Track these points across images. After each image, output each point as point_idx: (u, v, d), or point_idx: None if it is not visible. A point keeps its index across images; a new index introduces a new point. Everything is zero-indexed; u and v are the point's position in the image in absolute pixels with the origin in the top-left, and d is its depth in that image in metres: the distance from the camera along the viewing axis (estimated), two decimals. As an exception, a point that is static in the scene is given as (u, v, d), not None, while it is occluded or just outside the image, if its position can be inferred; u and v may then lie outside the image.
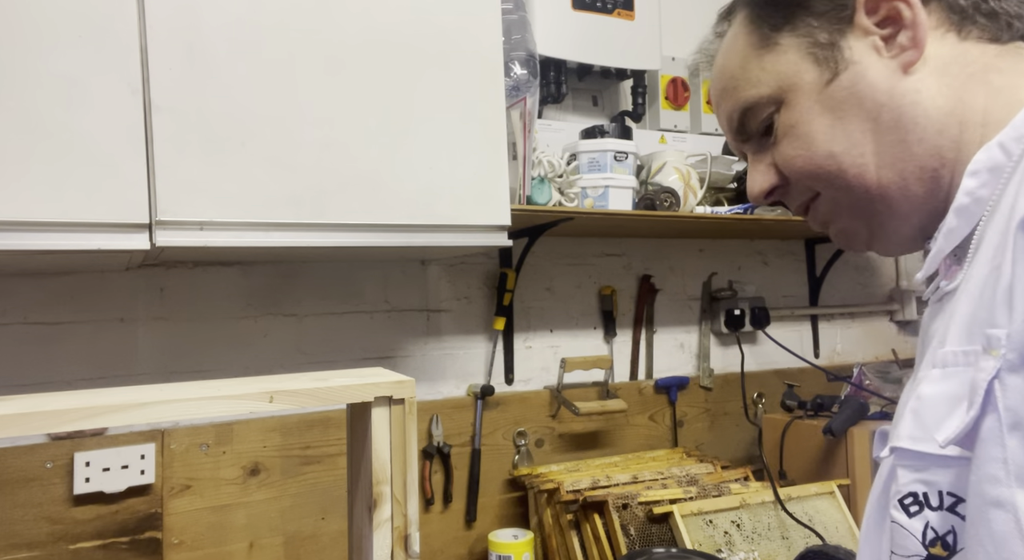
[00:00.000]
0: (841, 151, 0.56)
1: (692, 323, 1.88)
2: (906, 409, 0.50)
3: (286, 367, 1.42)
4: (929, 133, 0.54)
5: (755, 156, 0.64)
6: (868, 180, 0.56)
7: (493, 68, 1.20)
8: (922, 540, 0.46)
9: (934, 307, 0.57)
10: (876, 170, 0.56)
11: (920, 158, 0.55)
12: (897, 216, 0.57)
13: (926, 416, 0.47)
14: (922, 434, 0.47)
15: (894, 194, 0.56)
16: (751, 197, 0.64)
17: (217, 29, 1.01)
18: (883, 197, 0.56)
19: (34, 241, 0.91)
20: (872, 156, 0.56)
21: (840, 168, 0.57)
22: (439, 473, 1.53)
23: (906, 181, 0.55)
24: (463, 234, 1.18)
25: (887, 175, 0.55)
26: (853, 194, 0.57)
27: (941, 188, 0.55)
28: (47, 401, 0.70)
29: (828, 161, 0.57)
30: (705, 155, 1.66)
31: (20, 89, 0.90)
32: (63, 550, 1.23)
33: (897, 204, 0.56)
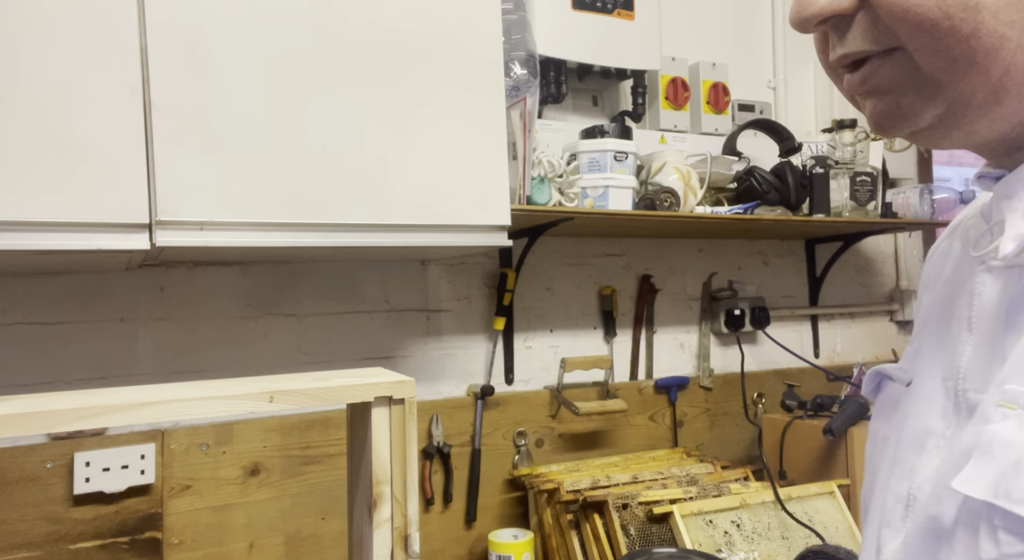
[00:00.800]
0: (990, 4, 0.38)
1: (692, 323, 1.88)
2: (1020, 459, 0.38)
3: (286, 367, 1.42)
4: None
5: None
6: (997, 60, 0.39)
7: (493, 68, 1.20)
8: None
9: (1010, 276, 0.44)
10: (1015, 50, 0.39)
11: None
12: (994, 115, 0.42)
13: None
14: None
15: (1013, 90, 0.40)
16: (800, 17, 0.43)
17: (217, 29, 1.01)
18: (999, 89, 0.40)
19: (34, 241, 0.91)
20: (1021, 31, 0.38)
21: (974, 30, 0.38)
22: (439, 473, 1.53)
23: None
24: (463, 234, 1.18)
25: (1022, 62, 0.39)
26: (962, 72, 0.40)
27: None
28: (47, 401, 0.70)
29: (965, 14, 0.38)
30: (705, 155, 1.66)
31: (20, 89, 0.90)
32: (63, 550, 1.23)
33: (1008, 103, 0.41)
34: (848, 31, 0.43)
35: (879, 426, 0.59)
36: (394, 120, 1.12)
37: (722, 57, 1.86)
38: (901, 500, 0.49)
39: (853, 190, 1.75)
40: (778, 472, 1.62)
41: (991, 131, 0.43)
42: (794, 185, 1.69)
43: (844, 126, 1.80)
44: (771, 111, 1.98)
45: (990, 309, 0.45)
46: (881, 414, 0.59)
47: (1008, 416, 0.39)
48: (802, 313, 2.04)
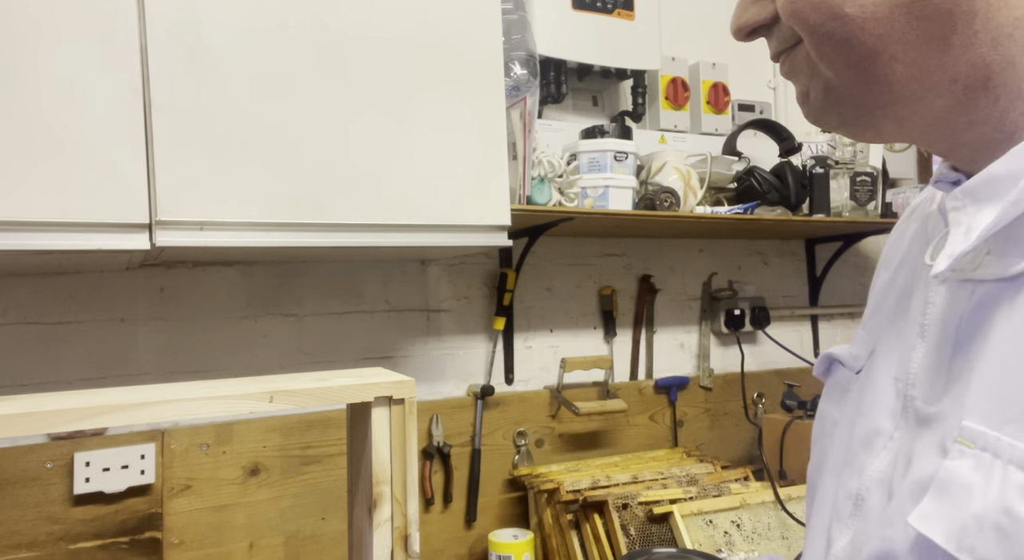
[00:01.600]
0: (857, 16, 0.41)
1: (692, 323, 1.88)
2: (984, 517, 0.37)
3: (286, 367, 1.42)
4: (981, 41, 0.39)
5: None
6: (874, 67, 0.42)
7: (493, 68, 1.20)
8: None
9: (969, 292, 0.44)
10: (889, 61, 0.41)
11: (955, 68, 0.40)
12: (895, 116, 0.44)
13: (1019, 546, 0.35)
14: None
15: (898, 95, 0.42)
16: (735, 26, 0.49)
17: (217, 29, 1.01)
18: (883, 92, 0.43)
19: (34, 241, 0.91)
20: (893, 42, 0.40)
21: (845, 38, 0.41)
22: (439, 473, 1.53)
23: (922, 88, 0.42)
24: (463, 234, 1.18)
25: (901, 72, 0.41)
26: (847, 71, 0.43)
27: (976, 111, 0.42)
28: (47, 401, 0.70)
29: (834, 22, 0.41)
30: (705, 155, 1.66)
31: (20, 89, 0.90)
32: (63, 550, 1.23)
33: (898, 107, 0.43)
34: (772, 36, 0.48)
35: (828, 408, 0.60)
36: (394, 120, 1.12)
37: (722, 57, 1.86)
38: (851, 497, 0.51)
39: (853, 190, 1.75)
40: (778, 472, 1.62)
41: (900, 131, 0.45)
42: (794, 185, 1.69)
43: (844, 126, 1.80)
44: (771, 111, 1.98)
45: (941, 321, 0.46)
46: (831, 397, 0.60)
47: (964, 454, 0.39)
48: (802, 313, 2.04)
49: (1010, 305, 0.40)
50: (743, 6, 0.48)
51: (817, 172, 1.72)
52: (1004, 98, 0.41)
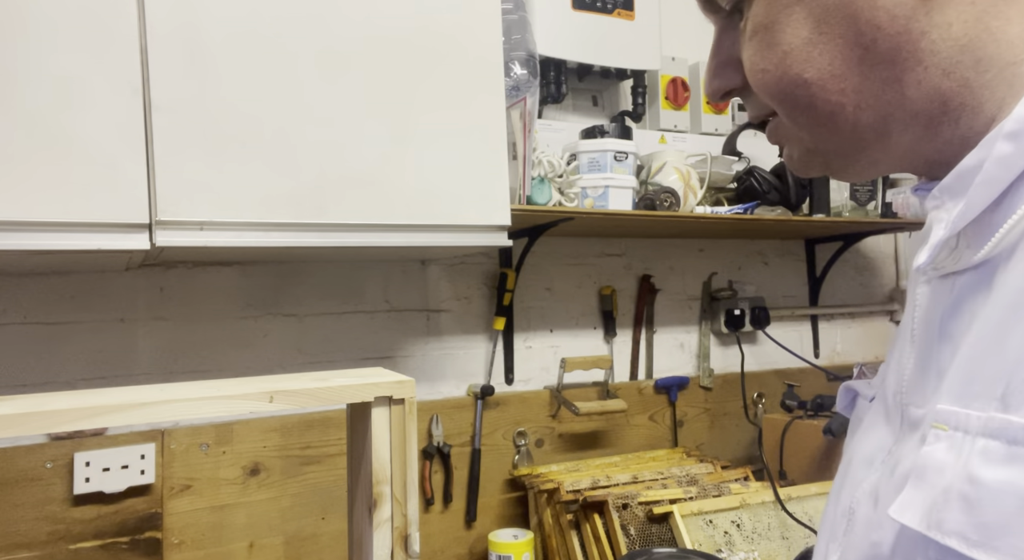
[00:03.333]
0: (816, 79, 0.44)
1: (692, 323, 1.88)
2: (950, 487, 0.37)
3: (286, 367, 1.42)
4: (932, 74, 0.42)
5: (720, 39, 0.53)
6: (842, 121, 0.45)
7: (493, 68, 1.20)
8: None
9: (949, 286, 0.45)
10: (854, 111, 0.44)
11: (915, 103, 0.43)
12: (868, 160, 0.47)
13: (988, 514, 0.35)
14: (981, 538, 0.35)
15: (870, 139, 0.46)
16: (708, 92, 0.53)
17: (217, 29, 1.01)
18: (856, 140, 0.46)
19: (34, 241, 0.91)
20: (853, 94, 0.44)
21: (810, 101, 0.45)
22: (439, 473, 1.53)
23: (888, 128, 0.45)
24: (463, 234, 1.18)
25: (867, 118, 0.45)
26: (818, 133, 0.47)
27: (940, 136, 0.44)
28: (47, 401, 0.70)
29: (798, 90, 0.45)
30: (705, 155, 1.66)
31: (20, 89, 0.90)
32: (63, 550, 1.23)
33: (871, 150, 0.46)
34: (748, 100, 0.52)
35: (848, 444, 0.59)
36: (394, 120, 1.12)
37: (722, 57, 1.85)
38: (845, 514, 0.50)
39: (853, 190, 1.75)
40: (778, 472, 1.62)
41: (876, 171, 0.49)
42: (794, 185, 1.69)
43: (844, 126, 1.80)
44: (771, 111, 1.98)
45: (926, 320, 0.47)
46: (851, 431, 0.60)
47: (940, 438, 0.39)
48: (802, 313, 2.04)
49: (986, 291, 0.41)
50: (710, 74, 0.52)
51: (817, 172, 1.71)
52: (964, 117, 0.43)
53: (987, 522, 0.35)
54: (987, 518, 0.35)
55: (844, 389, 0.62)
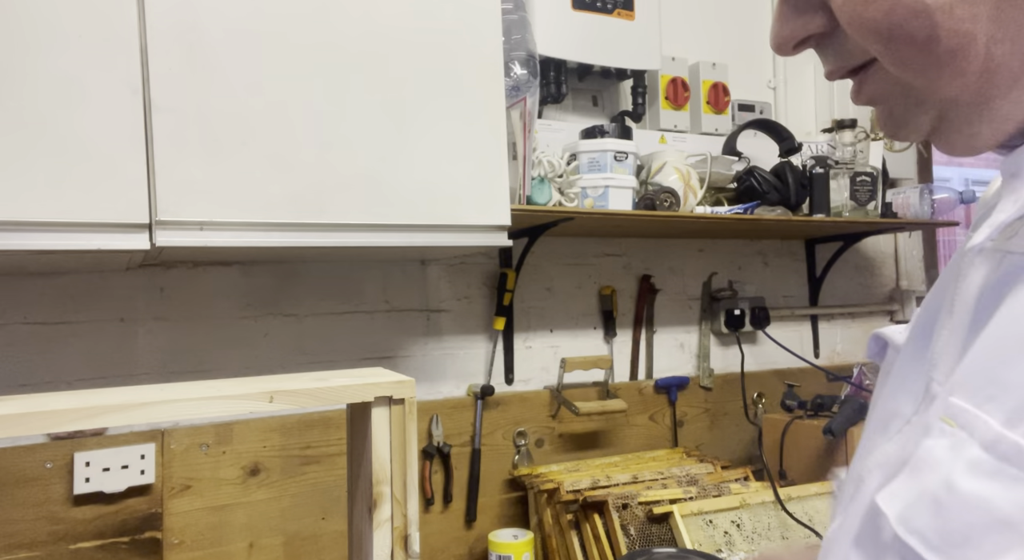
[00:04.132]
0: (939, 6, 0.36)
1: (692, 323, 1.88)
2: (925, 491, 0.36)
3: (286, 367, 1.42)
4: None
5: None
6: (971, 56, 0.37)
7: (493, 68, 1.20)
8: None
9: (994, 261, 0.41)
10: (987, 42, 0.37)
11: None
12: (991, 115, 0.39)
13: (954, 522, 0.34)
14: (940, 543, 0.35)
15: (1002, 86, 0.38)
16: (776, 42, 0.44)
17: (217, 29, 1.01)
18: (985, 87, 0.38)
19: (34, 241, 0.91)
20: (987, 22, 0.36)
21: (932, 32, 0.37)
22: (439, 473, 1.53)
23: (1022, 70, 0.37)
24: (463, 234, 1.18)
25: (1001, 53, 0.37)
26: (935, 76, 0.38)
27: None
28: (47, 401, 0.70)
29: (916, 20, 0.37)
30: (705, 155, 1.66)
31: (20, 89, 0.90)
32: (63, 550, 1.23)
33: (1004, 99, 0.38)
34: (828, 49, 0.43)
35: (875, 393, 0.56)
36: (394, 120, 1.12)
37: (722, 57, 1.86)
38: (853, 480, 0.48)
39: (853, 190, 1.75)
40: (778, 472, 1.62)
41: (998, 132, 0.40)
42: (794, 185, 1.69)
43: (844, 126, 1.80)
44: (771, 111, 1.98)
45: (969, 292, 0.43)
46: (878, 380, 0.57)
47: (944, 433, 0.37)
48: (802, 313, 2.04)
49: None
50: (783, 18, 0.43)
51: (817, 172, 1.72)
52: None
53: (951, 530, 0.34)
54: (952, 526, 0.34)
55: (875, 337, 0.58)
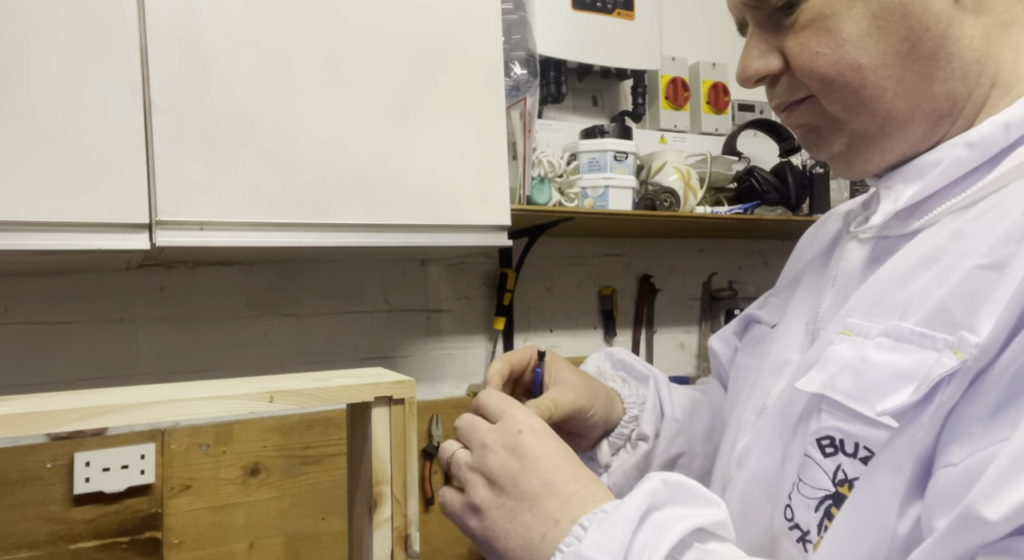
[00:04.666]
0: (869, 65, 0.52)
1: (692, 323, 1.88)
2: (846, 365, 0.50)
3: (286, 367, 1.42)
4: (955, 76, 0.51)
5: (759, 30, 0.58)
6: (880, 105, 0.53)
7: (493, 68, 1.20)
8: (832, 479, 0.50)
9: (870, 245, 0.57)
10: (892, 97, 0.52)
11: (936, 100, 0.52)
12: (883, 147, 0.55)
13: (868, 380, 0.48)
14: (859, 395, 0.49)
15: (896, 127, 0.53)
16: (741, 77, 0.59)
17: (217, 29, 1.01)
18: (884, 126, 0.54)
19: (34, 241, 0.91)
20: (895, 82, 0.52)
21: (861, 84, 0.52)
22: (439, 473, 1.53)
23: (913, 118, 0.53)
24: (463, 234, 1.18)
25: (900, 106, 0.52)
26: (855, 113, 0.54)
27: (935, 136, 0.54)
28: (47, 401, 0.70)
29: (852, 73, 0.52)
30: (705, 155, 1.66)
31: (20, 89, 0.90)
32: (63, 550, 1.23)
33: (893, 137, 0.54)
34: (777, 85, 0.58)
35: (743, 359, 0.72)
36: (394, 120, 1.12)
37: (722, 57, 1.86)
38: (756, 411, 0.61)
39: (853, 190, 1.75)
40: (778, 472, 1.62)
41: (883, 161, 0.56)
42: (794, 185, 1.69)
43: (844, 126, 1.80)
44: (771, 111, 1.98)
45: (852, 270, 0.59)
46: (746, 350, 0.73)
47: (844, 340, 0.52)
48: (802, 313, 2.03)
49: (899, 252, 0.53)
50: (749, 58, 0.58)
51: (817, 172, 1.72)
52: (959, 121, 0.53)
53: (865, 385, 0.49)
54: (865, 382, 0.49)
55: (742, 316, 0.76)
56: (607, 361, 0.82)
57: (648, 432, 0.74)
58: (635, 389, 0.78)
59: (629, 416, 0.75)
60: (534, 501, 0.51)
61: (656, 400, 0.77)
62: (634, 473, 0.74)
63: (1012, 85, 0.52)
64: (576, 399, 0.70)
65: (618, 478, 0.75)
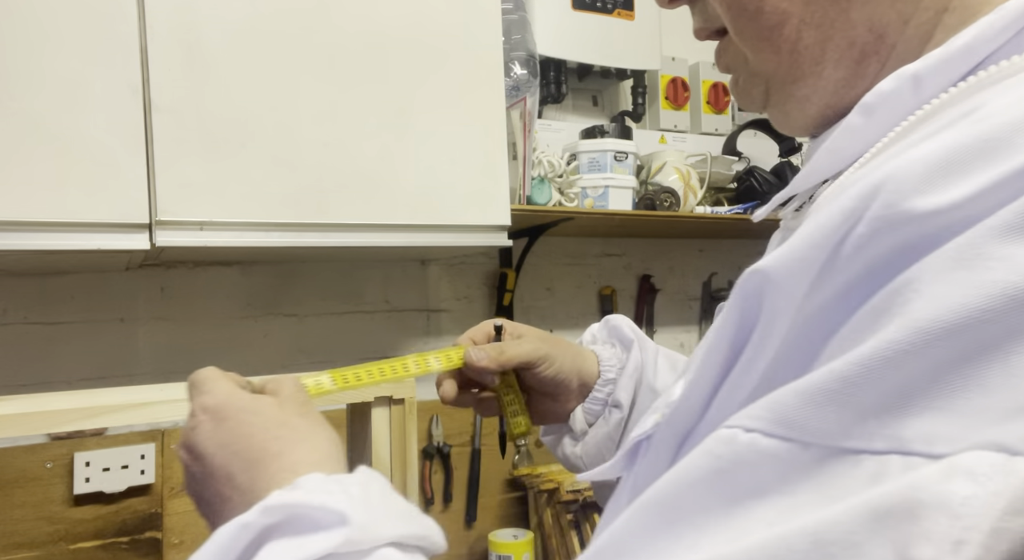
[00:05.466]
0: None
1: (692, 323, 1.88)
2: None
3: (286, 367, 1.42)
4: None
5: None
6: (784, 36, 0.41)
7: (493, 68, 1.20)
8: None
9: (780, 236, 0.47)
10: (798, 25, 0.41)
11: (855, 28, 0.40)
12: (798, 96, 0.43)
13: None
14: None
15: (806, 68, 0.42)
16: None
17: (217, 29, 1.01)
18: (793, 67, 0.42)
19: (34, 241, 0.91)
20: (801, 5, 0.40)
21: (759, 6, 0.41)
22: (439, 473, 1.53)
23: (825, 54, 0.41)
24: (463, 234, 1.18)
25: (808, 37, 0.41)
26: (759, 48, 0.43)
27: (862, 81, 0.41)
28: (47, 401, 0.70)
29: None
30: (705, 155, 1.66)
31: (20, 89, 0.90)
32: (63, 550, 1.23)
33: (805, 82, 0.43)
34: (698, 8, 0.48)
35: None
36: (394, 120, 1.12)
37: (722, 57, 1.85)
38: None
39: (853, 190, 1.75)
40: (778, 472, 1.62)
41: (803, 114, 0.44)
42: (794, 185, 1.69)
43: (844, 126, 1.80)
44: (771, 111, 1.98)
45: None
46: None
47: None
48: (802, 313, 2.03)
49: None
50: None
51: (817, 172, 1.71)
52: (890, 61, 0.40)
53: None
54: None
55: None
56: (603, 328, 0.76)
57: (623, 399, 0.69)
58: (617, 353, 0.72)
59: (604, 379, 0.70)
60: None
61: (637, 366, 0.70)
62: (607, 444, 0.70)
63: (975, 9, 0.37)
64: (535, 348, 0.66)
65: (590, 449, 0.71)
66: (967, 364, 0.23)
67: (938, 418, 0.23)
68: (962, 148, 0.27)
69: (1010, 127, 0.27)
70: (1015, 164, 0.25)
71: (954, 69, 0.34)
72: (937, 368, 0.24)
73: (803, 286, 0.30)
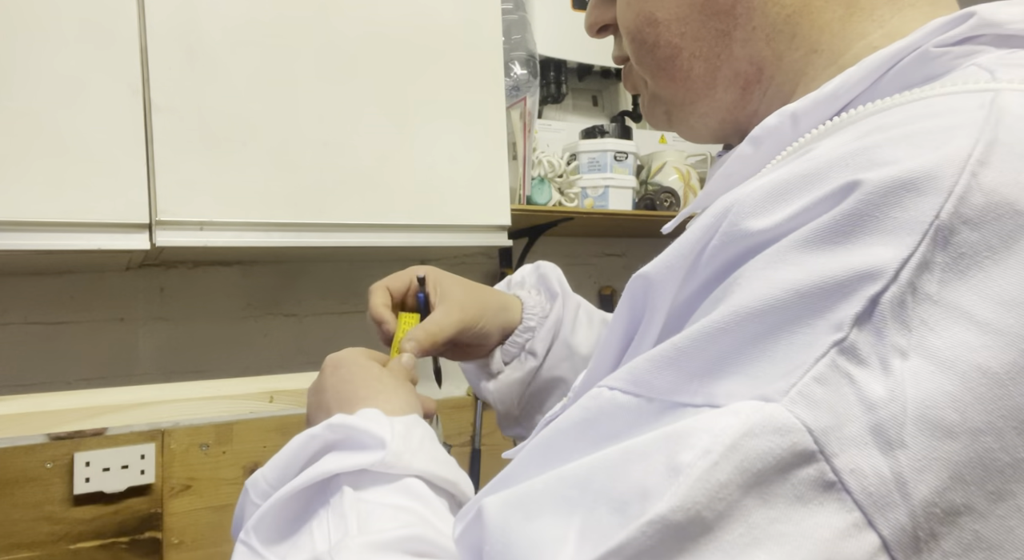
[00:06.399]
0: (664, 20, 0.46)
1: (692, 323, 1.88)
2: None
3: (286, 367, 1.42)
4: (757, 37, 0.44)
5: None
6: (677, 66, 0.47)
7: (493, 68, 1.20)
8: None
9: None
10: (689, 58, 0.46)
11: (738, 62, 0.45)
12: (698, 113, 0.49)
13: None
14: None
15: (701, 93, 0.48)
16: (585, 25, 0.56)
17: (217, 29, 1.01)
18: (689, 93, 0.48)
19: (34, 241, 0.91)
20: (691, 40, 0.46)
21: (656, 40, 0.47)
22: (439, 473, 1.53)
23: (715, 80, 0.46)
24: (463, 234, 1.18)
25: (699, 68, 0.47)
26: (657, 77, 0.49)
27: (749, 104, 0.47)
28: (47, 401, 0.70)
29: (649, 28, 0.47)
30: (705, 155, 1.66)
31: (21, 89, 0.90)
32: (63, 550, 1.22)
33: (702, 103, 0.48)
34: (617, 40, 0.54)
35: None
36: (394, 120, 1.12)
37: (722, 57, 1.86)
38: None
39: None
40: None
41: (706, 128, 0.50)
42: (794, 185, 1.69)
43: (844, 126, 1.80)
44: (771, 111, 1.98)
45: None
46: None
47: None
48: (802, 313, 2.03)
49: None
50: (591, 7, 0.54)
51: (817, 172, 1.72)
52: (770, 91, 0.46)
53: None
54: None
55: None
56: (534, 273, 0.80)
57: (538, 349, 0.73)
58: (541, 301, 0.75)
59: (525, 326, 0.74)
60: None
61: (558, 319, 0.74)
62: (517, 388, 0.74)
63: (839, 52, 0.43)
64: (462, 317, 0.71)
65: (502, 388, 0.75)
66: (763, 340, 0.30)
67: (738, 380, 0.30)
68: (790, 180, 0.33)
69: (827, 164, 0.32)
70: (822, 191, 0.31)
71: (824, 110, 0.40)
72: (743, 342, 0.30)
73: (675, 286, 0.36)
